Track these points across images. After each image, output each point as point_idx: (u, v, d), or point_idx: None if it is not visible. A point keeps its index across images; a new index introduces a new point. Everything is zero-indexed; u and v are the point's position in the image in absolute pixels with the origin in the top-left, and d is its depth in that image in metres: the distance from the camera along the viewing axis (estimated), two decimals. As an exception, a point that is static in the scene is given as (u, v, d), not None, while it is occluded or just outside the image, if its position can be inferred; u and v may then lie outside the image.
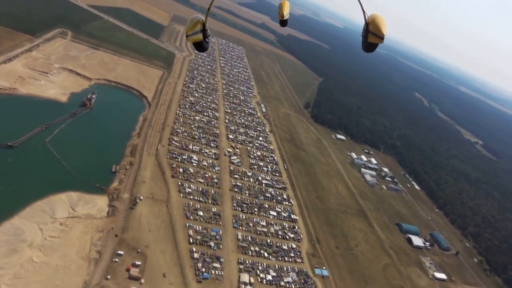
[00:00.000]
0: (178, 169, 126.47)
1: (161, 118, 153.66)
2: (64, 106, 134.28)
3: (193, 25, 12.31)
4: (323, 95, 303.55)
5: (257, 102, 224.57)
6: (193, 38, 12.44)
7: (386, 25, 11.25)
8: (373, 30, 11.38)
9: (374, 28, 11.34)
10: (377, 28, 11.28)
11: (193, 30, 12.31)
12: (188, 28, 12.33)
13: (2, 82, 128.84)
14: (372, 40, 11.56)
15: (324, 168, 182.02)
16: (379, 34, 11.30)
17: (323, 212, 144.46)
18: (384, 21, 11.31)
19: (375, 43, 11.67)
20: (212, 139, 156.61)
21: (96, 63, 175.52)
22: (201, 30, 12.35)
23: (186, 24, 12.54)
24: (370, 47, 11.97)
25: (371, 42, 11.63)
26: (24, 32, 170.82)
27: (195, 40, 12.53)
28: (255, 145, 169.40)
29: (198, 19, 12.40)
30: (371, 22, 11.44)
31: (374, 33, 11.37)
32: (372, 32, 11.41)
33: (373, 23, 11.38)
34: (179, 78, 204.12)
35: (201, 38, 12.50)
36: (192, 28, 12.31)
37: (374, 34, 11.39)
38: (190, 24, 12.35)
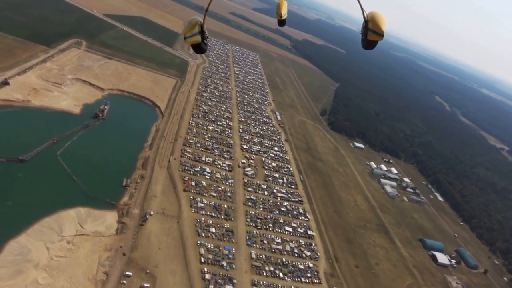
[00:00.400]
0: (190, 182, 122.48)
1: (173, 129, 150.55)
2: (77, 117, 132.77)
3: (191, 27, 12.14)
4: (340, 101, 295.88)
5: (272, 110, 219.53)
6: (192, 40, 12.29)
7: (385, 23, 11.23)
8: (372, 27, 11.28)
9: (374, 26, 11.25)
10: (377, 25, 11.18)
11: (192, 32, 12.15)
12: (186, 30, 12.17)
13: (16, 95, 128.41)
14: (372, 38, 11.45)
15: (342, 179, 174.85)
16: (379, 32, 11.21)
17: (341, 228, 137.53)
18: (384, 18, 11.28)
19: (374, 40, 11.54)
20: (226, 149, 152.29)
21: (110, 73, 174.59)
22: (200, 32, 12.22)
23: (184, 26, 12.38)
24: (369, 45, 11.86)
25: (371, 39, 11.55)
26: (40, 43, 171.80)
27: (193, 42, 12.40)
28: (270, 155, 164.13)
29: (196, 21, 12.27)
30: (370, 19, 11.35)
31: (374, 30, 11.26)
32: (371, 30, 11.31)
33: (372, 21, 11.32)
34: (192, 86, 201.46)
35: (200, 40, 12.36)
36: (190, 30, 12.13)
37: (374, 32, 11.29)
38: (188, 26, 12.18)
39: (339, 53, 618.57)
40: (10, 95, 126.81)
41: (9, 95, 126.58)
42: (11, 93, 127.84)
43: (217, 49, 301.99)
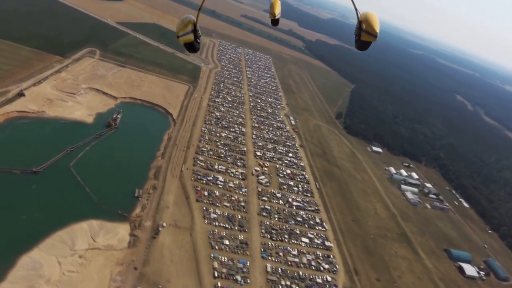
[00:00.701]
0: (203, 192, 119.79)
1: (186, 136, 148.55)
2: (90, 127, 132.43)
3: (184, 26, 11.99)
4: (355, 103, 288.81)
5: (286, 114, 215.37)
6: (184, 39, 12.15)
7: (379, 23, 11.21)
8: (366, 28, 11.28)
9: (368, 27, 11.24)
10: (370, 26, 11.19)
11: (184, 31, 11.99)
12: (179, 29, 12.01)
13: (31, 106, 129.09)
14: (365, 39, 11.47)
15: (359, 185, 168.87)
16: (372, 32, 11.22)
17: (360, 238, 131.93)
18: (377, 19, 11.30)
19: (368, 41, 11.55)
20: (239, 157, 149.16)
21: (123, 81, 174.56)
22: (192, 31, 12.09)
23: (177, 25, 12.13)
24: (363, 46, 11.89)
25: (364, 40, 11.54)
26: (55, 53, 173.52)
27: (186, 41, 12.25)
28: (284, 162, 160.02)
29: (189, 20, 12.16)
30: (364, 20, 11.37)
31: (368, 31, 11.27)
32: (365, 31, 11.31)
33: (366, 22, 11.31)
34: (204, 92, 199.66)
35: (192, 39, 12.21)
36: (183, 29, 11.98)
37: (368, 32, 11.30)
38: (181, 25, 12.03)
39: (354, 52, 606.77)
40: (26, 106, 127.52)
41: (25, 106, 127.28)
42: (27, 104, 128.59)
43: (229, 53, 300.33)
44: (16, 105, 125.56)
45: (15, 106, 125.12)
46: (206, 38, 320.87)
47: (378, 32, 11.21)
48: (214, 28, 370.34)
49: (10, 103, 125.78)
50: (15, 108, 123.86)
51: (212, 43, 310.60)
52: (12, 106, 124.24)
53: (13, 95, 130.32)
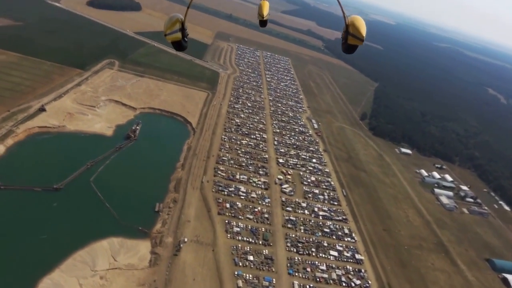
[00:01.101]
0: (225, 204, 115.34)
1: (206, 146, 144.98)
2: (110, 140, 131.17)
3: (172, 24, 11.98)
4: (380, 102, 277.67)
5: (308, 118, 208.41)
6: (172, 37, 12.12)
7: (365, 28, 11.32)
8: (353, 32, 11.41)
9: (354, 30, 11.37)
10: (357, 30, 11.32)
11: (172, 29, 11.99)
12: (167, 27, 11.97)
13: (52, 121, 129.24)
14: (352, 42, 11.61)
15: (389, 191, 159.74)
16: (359, 36, 11.36)
17: (393, 249, 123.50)
18: (364, 23, 11.39)
19: (354, 45, 11.70)
20: (261, 165, 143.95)
21: (141, 91, 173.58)
22: (180, 29, 12.13)
23: (165, 23, 12.05)
24: (350, 49, 11.96)
25: (351, 44, 11.67)
26: (75, 66, 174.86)
27: (173, 39, 12.23)
28: (308, 168, 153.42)
29: (177, 18, 12.10)
30: (351, 24, 11.45)
31: (354, 35, 11.40)
32: (352, 34, 11.44)
33: (353, 25, 11.40)
34: (223, 98, 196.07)
35: (180, 37, 12.27)
36: (170, 27, 11.96)
37: (354, 36, 11.41)
38: (169, 23, 11.98)
39: (375, 49, 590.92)
40: (47, 121, 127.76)
41: (46, 122, 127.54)
42: (48, 119, 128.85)
43: (247, 57, 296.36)
44: (37, 121, 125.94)
45: (36, 121, 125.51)
46: (223, 43, 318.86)
47: (364, 36, 11.31)
48: (231, 32, 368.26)
49: (32, 119, 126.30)
50: (37, 124, 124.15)
51: (230, 48, 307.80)
52: (33, 122, 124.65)
53: (34, 111, 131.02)
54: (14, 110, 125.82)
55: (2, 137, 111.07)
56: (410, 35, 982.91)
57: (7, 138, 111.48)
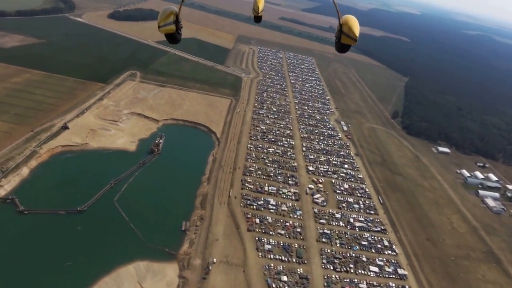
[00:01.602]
0: (254, 220, 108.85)
1: (231, 156, 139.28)
2: (133, 155, 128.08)
3: (166, 16, 11.96)
4: (412, 98, 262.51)
5: (336, 120, 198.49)
6: (165, 29, 12.09)
7: (358, 27, 11.50)
8: (346, 31, 11.59)
9: (348, 30, 11.55)
10: (350, 29, 11.51)
11: (166, 22, 11.96)
12: (161, 20, 11.98)
13: (75, 138, 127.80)
14: (345, 41, 11.80)
15: (429, 195, 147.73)
16: (352, 36, 11.56)
17: (439, 261, 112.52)
18: (357, 23, 11.58)
19: (348, 44, 11.86)
20: (290, 174, 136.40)
21: (163, 102, 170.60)
22: (174, 22, 12.06)
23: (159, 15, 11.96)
24: (343, 48, 12.15)
25: (344, 43, 11.86)
26: (97, 80, 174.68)
27: (167, 31, 12.18)
28: (340, 175, 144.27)
29: (171, 10, 12.04)
30: (344, 23, 11.64)
31: (347, 34, 11.60)
32: (345, 34, 11.64)
33: (346, 25, 11.59)
34: (247, 104, 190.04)
35: (174, 30, 12.20)
36: (164, 19, 11.96)
37: (347, 36, 11.61)
38: (163, 15, 11.98)
39: (402, 42, 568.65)
40: (70, 139, 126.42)
41: (69, 140, 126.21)
42: (71, 137, 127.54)
43: (270, 59, 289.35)
44: (60, 140, 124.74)
45: (59, 140, 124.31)
46: (245, 46, 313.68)
47: (357, 36, 11.50)
48: (252, 35, 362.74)
49: (55, 138, 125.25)
50: (60, 143, 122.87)
51: (252, 51, 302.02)
52: (56, 141, 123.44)
53: (57, 129, 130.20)
54: (37, 129, 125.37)
55: (25, 159, 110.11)
56: (437, 24, 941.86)
57: (30, 160, 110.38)
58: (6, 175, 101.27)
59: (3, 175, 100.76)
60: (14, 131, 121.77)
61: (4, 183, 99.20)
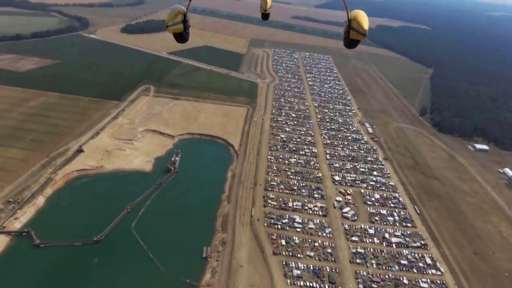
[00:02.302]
0: (280, 241, 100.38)
1: (251, 170, 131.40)
2: (149, 176, 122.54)
3: (174, 16, 12.07)
4: (440, 92, 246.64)
5: (360, 122, 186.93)
6: (173, 29, 12.21)
7: (367, 22, 11.28)
8: (355, 26, 11.42)
9: (356, 25, 11.37)
10: (359, 25, 11.31)
11: (174, 21, 12.07)
12: (169, 19, 12.10)
13: (90, 162, 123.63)
14: (354, 37, 11.60)
15: (471, 200, 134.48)
16: (361, 31, 11.34)
17: (491, 278, 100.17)
18: (366, 18, 11.31)
19: (356, 39, 11.67)
20: (315, 186, 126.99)
21: (178, 115, 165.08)
22: (182, 21, 12.18)
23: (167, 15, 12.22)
24: (352, 44, 11.97)
25: (353, 38, 11.66)
26: (111, 98, 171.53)
27: (175, 31, 12.31)
28: (370, 184, 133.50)
29: (179, 10, 12.15)
30: (353, 18, 11.51)
31: (356, 29, 11.40)
32: (354, 29, 11.46)
33: (355, 20, 11.44)
34: (265, 112, 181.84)
35: (182, 29, 12.31)
36: (173, 19, 12.07)
37: (356, 31, 11.42)
38: (171, 15, 12.10)
39: (422, 31, 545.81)
40: (85, 163, 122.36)
41: (84, 164, 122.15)
42: (86, 161, 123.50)
43: (285, 61, 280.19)
44: (75, 164, 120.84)
45: (74, 164, 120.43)
46: (258, 49, 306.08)
47: (366, 31, 11.22)
48: (265, 37, 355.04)
49: (70, 162, 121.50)
50: (75, 168, 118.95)
51: (266, 54, 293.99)
52: (71, 166, 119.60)
53: (72, 153, 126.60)
54: (53, 154, 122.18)
55: (41, 187, 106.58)
56: (458, 8, 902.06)
57: (46, 188, 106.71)
58: (21, 206, 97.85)
59: (19, 206, 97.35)
60: (30, 157, 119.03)
61: (20, 214, 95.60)
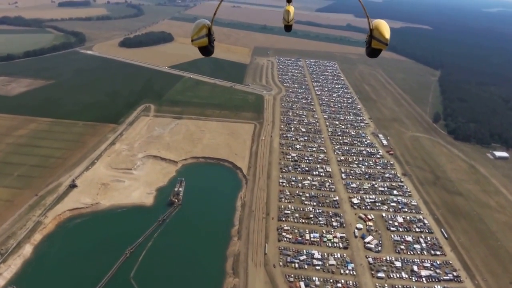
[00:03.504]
0: (298, 284, 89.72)
1: (262, 197, 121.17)
2: (150, 211, 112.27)
3: (199, 30, 12.31)
4: (451, 95, 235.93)
5: (373, 133, 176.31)
6: (199, 43, 12.45)
7: (389, 31, 11.59)
8: (377, 36, 11.66)
9: (378, 34, 11.61)
10: (381, 34, 11.53)
11: (199, 35, 12.32)
12: (194, 33, 12.34)
13: (84, 198, 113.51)
14: (376, 46, 11.90)
15: (499, 218, 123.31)
16: (383, 40, 11.60)
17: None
18: (388, 27, 11.62)
19: (378, 48, 12.01)
20: (333, 212, 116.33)
21: (181, 137, 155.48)
22: (207, 35, 12.43)
23: (192, 29, 12.37)
24: (374, 53, 12.38)
25: (375, 47, 11.97)
26: (108, 121, 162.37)
27: (200, 44, 12.56)
28: (391, 205, 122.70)
29: (203, 24, 12.41)
30: (375, 28, 11.74)
31: (378, 39, 11.64)
32: (376, 38, 11.70)
33: (377, 29, 11.66)
34: (273, 127, 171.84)
35: (207, 43, 12.56)
36: (197, 33, 12.32)
37: (378, 40, 11.66)
38: (196, 29, 12.34)
39: (424, 31, 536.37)
40: (78, 200, 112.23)
41: (77, 201, 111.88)
42: (79, 198, 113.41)
43: (290, 70, 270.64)
44: (68, 202, 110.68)
45: (67, 203, 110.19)
46: (262, 58, 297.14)
47: (388, 40, 11.53)
48: (269, 45, 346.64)
49: (62, 200, 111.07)
50: (67, 207, 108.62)
51: (270, 63, 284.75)
52: (63, 205, 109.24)
53: (65, 188, 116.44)
54: (42, 192, 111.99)
55: (28, 233, 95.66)
56: (455, 6, 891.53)
57: (34, 233, 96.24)
58: (5, 259, 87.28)
59: (2, 259, 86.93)
60: (17, 197, 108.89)
61: (4, 269, 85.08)
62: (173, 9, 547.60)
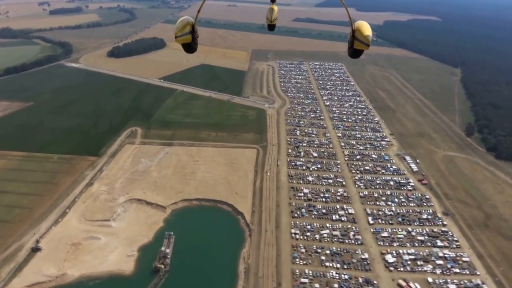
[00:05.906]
0: None
1: (271, 257, 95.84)
2: (130, 282, 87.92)
3: (183, 27, 12.04)
4: (480, 99, 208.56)
5: (398, 155, 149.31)
6: (182, 39, 12.18)
7: (371, 33, 11.47)
8: (359, 37, 11.54)
9: (360, 35, 11.50)
10: (363, 35, 11.45)
11: (183, 32, 12.06)
12: (178, 30, 12.07)
13: (48, 267, 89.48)
14: (358, 47, 11.79)
15: None
16: (365, 41, 11.50)
17: None
18: (370, 28, 11.50)
19: (360, 49, 11.89)
20: (363, 278, 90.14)
21: (171, 171, 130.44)
22: (190, 32, 12.17)
23: (176, 26, 12.08)
24: (356, 53, 12.23)
25: (357, 48, 11.86)
26: (87, 153, 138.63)
27: (183, 41, 12.28)
28: (436, 264, 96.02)
29: (187, 21, 12.14)
30: (357, 29, 11.61)
31: (360, 40, 11.55)
32: (358, 39, 11.59)
33: (359, 30, 11.54)
34: (279, 153, 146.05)
35: (190, 40, 12.31)
36: (181, 30, 12.04)
37: (360, 41, 11.57)
38: (180, 26, 12.05)
39: (434, 23, 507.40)
40: (40, 271, 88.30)
41: (39, 272, 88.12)
42: (42, 267, 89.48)
43: (293, 76, 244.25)
44: (27, 274, 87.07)
45: (26, 275, 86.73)
46: (262, 63, 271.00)
47: (370, 41, 11.43)
48: (268, 47, 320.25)
49: (20, 271, 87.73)
50: (25, 282, 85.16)
51: (271, 68, 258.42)
52: (21, 279, 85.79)
53: (26, 253, 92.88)
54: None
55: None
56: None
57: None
58: None
59: None
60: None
61: None
62: (166, 11, 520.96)
